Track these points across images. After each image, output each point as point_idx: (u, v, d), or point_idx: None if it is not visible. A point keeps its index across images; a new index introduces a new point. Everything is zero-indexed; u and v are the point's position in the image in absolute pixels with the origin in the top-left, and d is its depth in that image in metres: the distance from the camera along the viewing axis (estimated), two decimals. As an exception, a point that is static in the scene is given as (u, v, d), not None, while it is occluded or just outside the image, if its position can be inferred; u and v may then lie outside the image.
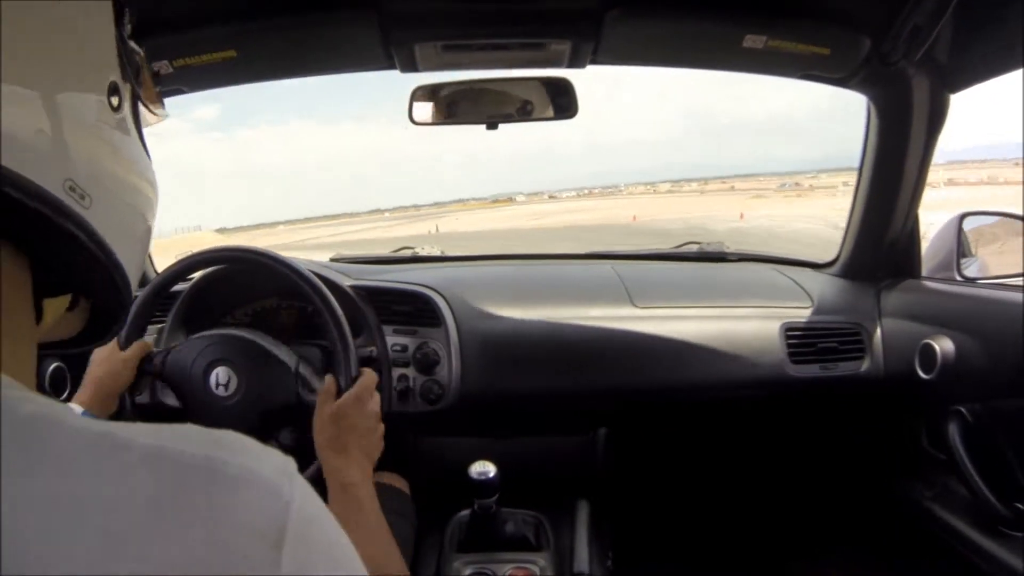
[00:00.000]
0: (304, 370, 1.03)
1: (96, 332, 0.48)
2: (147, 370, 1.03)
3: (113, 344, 1.00)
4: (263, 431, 1.03)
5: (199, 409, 1.01)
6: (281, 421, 1.03)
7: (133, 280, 0.46)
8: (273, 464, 0.35)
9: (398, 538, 1.07)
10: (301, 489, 0.35)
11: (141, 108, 0.56)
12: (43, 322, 0.42)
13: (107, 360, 1.00)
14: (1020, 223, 1.32)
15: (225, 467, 0.33)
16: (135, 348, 1.02)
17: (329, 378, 0.93)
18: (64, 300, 0.44)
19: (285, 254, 1.06)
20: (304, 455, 0.86)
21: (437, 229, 41.17)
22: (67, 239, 0.38)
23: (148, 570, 0.30)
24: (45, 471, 0.30)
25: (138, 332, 1.06)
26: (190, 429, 0.35)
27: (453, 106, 1.26)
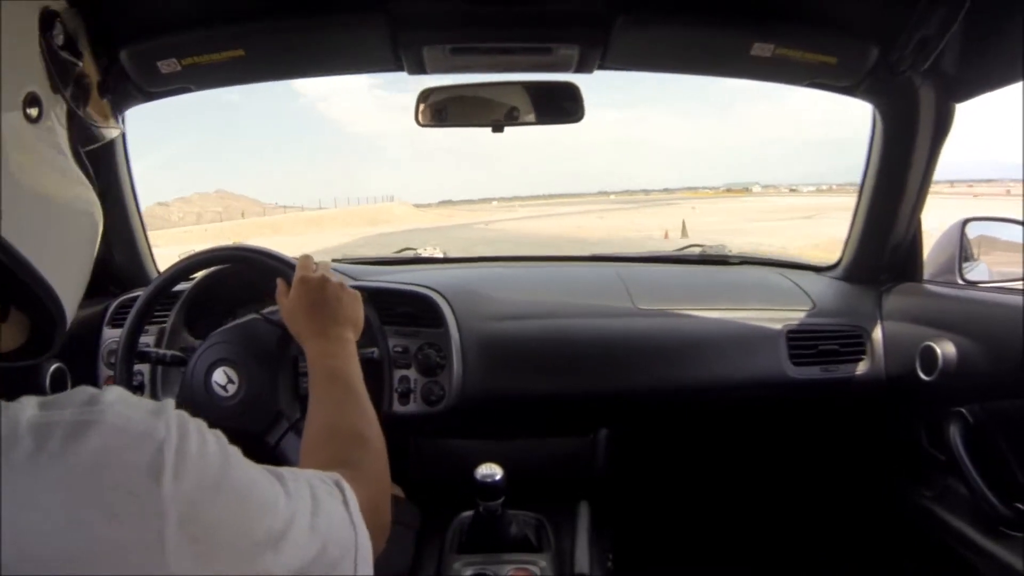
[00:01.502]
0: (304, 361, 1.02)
1: (40, 345, 0.49)
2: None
3: None
4: (265, 431, 1.03)
5: (199, 410, 1.01)
6: (282, 422, 1.04)
7: (66, 290, 0.46)
8: (145, 408, 0.38)
9: (397, 545, 1.07)
10: (175, 427, 0.38)
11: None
12: None
13: None
14: (1022, 228, 1.33)
15: (101, 417, 0.36)
16: None
17: (279, 280, 0.93)
18: None
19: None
20: None
21: (685, 228, 18.70)
22: None
23: (48, 524, 0.33)
24: None
25: (137, 332, 1.06)
26: (75, 391, 0.38)
27: (460, 109, 1.26)
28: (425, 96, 1.26)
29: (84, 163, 0.52)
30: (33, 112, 0.45)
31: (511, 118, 1.28)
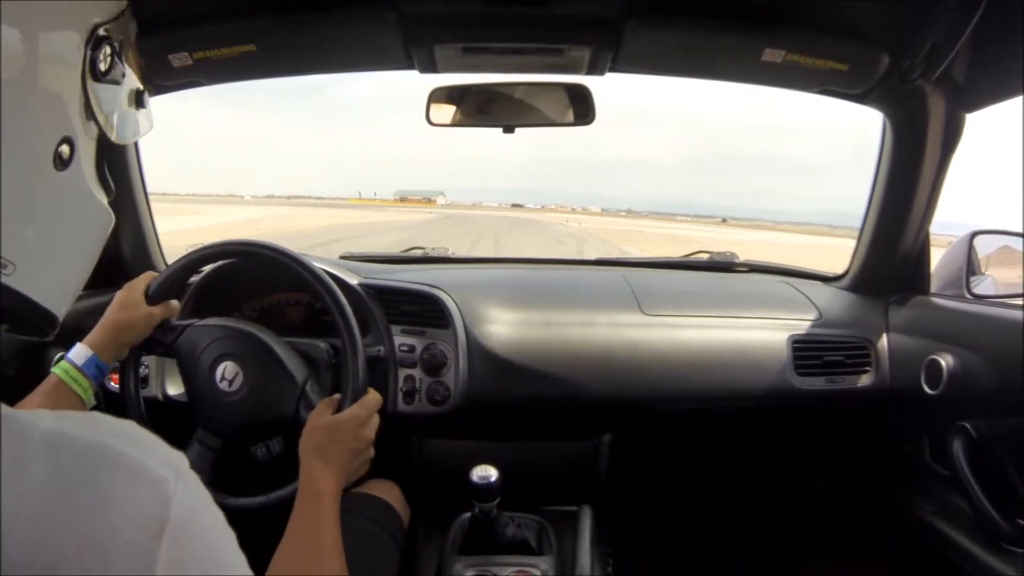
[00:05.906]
0: (311, 389, 1.02)
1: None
2: (160, 338, 1.01)
3: (140, 294, 0.96)
4: (257, 433, 1.03)
5: (200, 398, 1.01)
6: (276, 429, 1.03)
7: (62, 303, 0.45)
8: (161, 459, 0.37)
9: (378, 556, 1.06)
10: (186, 486, 0.37)
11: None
12: None
13: (132, 309, 0.95)
14: None
15: (116, 456, 0.35)
16: (163, 308, 0.98)
17: (336, 396, 0.94)
18: None
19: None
20: (289, 468, 0.87)
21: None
22: None
23: (40, 553, 0.32)
24: None
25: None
26: (92, 416, 0.38)
27: (471, 109, 1.26)
28: (436, 96, 1.26)
29: (104, 176, 0.49)
30: (65, 154, 0.41)
31: (524, 120, 1.28)
